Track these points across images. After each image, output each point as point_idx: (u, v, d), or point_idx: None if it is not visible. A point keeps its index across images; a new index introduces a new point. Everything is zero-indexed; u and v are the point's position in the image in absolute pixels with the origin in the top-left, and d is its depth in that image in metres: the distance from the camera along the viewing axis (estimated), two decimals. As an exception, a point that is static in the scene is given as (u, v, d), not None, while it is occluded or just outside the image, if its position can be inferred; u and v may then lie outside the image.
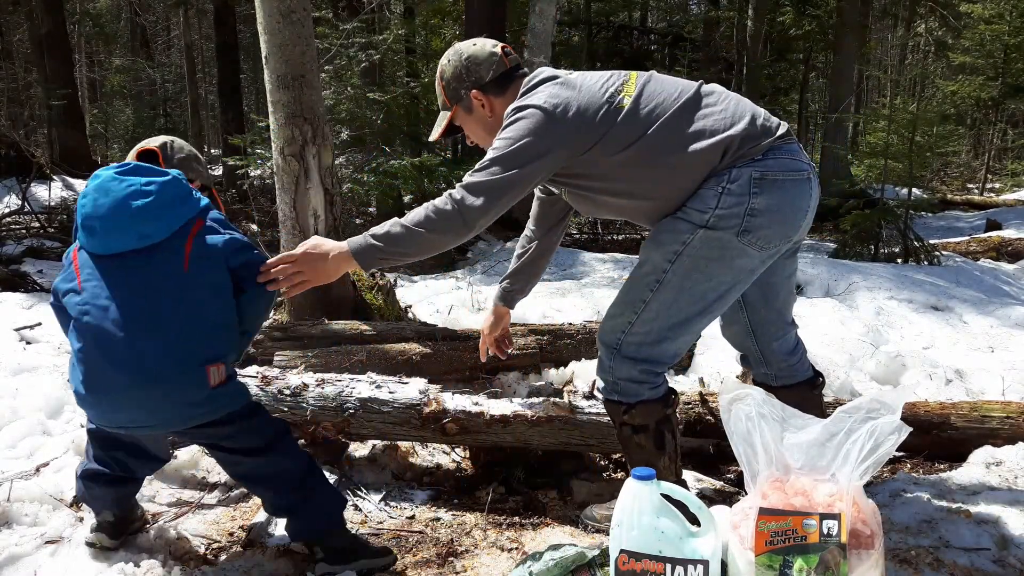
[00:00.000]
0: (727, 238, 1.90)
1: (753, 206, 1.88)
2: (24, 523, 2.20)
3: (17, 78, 13.98)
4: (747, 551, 1.64)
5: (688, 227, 1.92)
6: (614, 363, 2.03)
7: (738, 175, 1.89)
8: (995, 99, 15.51)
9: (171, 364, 1.80)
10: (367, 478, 2.56)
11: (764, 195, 1.88)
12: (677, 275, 1.95)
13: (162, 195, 1.85)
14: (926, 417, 2.68)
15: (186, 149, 2.21)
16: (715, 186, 1.90)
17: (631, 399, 2.03)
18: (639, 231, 10.68)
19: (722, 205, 1.89)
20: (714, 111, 1.95)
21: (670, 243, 1.94)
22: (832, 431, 1.68)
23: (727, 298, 2.01)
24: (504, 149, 1.92)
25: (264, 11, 3.48)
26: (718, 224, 1.89)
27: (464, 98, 2.13)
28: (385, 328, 3.58)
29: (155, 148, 2.11)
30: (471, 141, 2.26)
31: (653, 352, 2.01)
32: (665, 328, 1.99)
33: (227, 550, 2.11)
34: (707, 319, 2.04)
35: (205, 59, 18.71)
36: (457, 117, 2.18)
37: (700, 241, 1.91)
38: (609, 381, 2.06)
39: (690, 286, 1.96)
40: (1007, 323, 4.52)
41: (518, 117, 1.95)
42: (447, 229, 1.93)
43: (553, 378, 3.45)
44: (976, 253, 7.55)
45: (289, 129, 3.53)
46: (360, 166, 6.92)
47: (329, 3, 9.26)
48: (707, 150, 1.90)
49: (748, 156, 1.91)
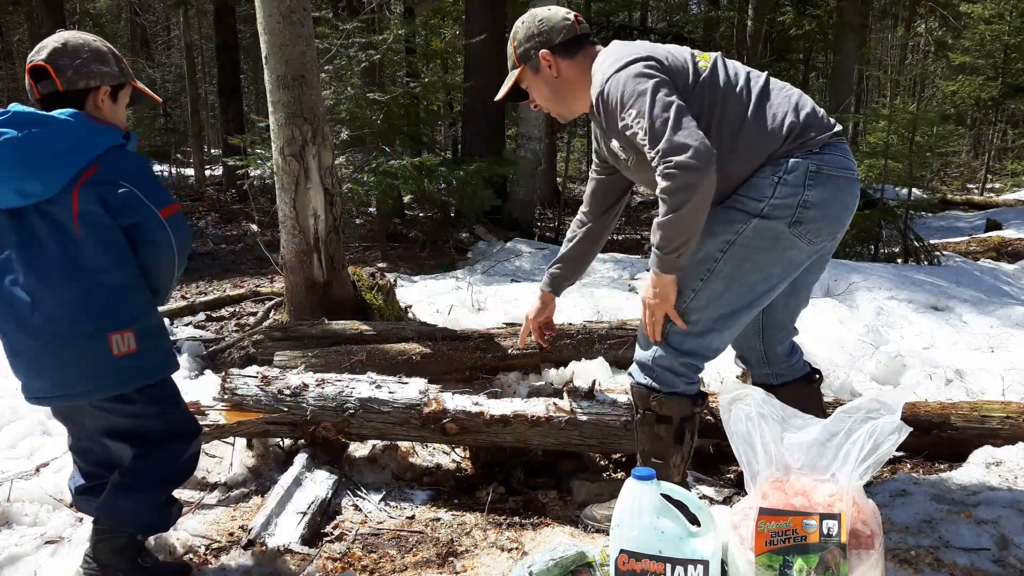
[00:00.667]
0: (780, 228, 1.92)
1: (807, 198, 1.91)
2: (24, 523, 2.20)
3: (17, 78, 13.98)
4: (747, 551, 1.64)
5: (742, 216, 1.95)
6: (656, 350, 2.06)
7: (796, 166, 1.92)
8: (995, 99, 15.50)
9: (72, 331, 1.69)
10: (367, 478, 2.56)
11: (818, 188, 1.92)
12: (729, 265, 1.97)
13: (37, 148, 1.65)
14: (926, 417, 2.68)
15: (84, 50, 1.81)
16: (771, 175, 1.93)
17: (664, 388, 2.05)
18: (639, 231, 10.68)
19: (777, 195, 1.91)
20: (780, 96, 2.00)
21: (723, 232, 1.96)
22: (832, 431, 1.68)
23: (773, 292, 2.04)
24: (643, 96, 1.88)
25: (264, 11, 3.48)
26: (772, 214, 1.92)
27: (533, 58, 2.14)
28: (385, 328, 3.58)
29: (41, 64, 1.77)
30: (534, 104, 2.25)
31: (697, 344, 2.03)
32: (712, 319, 2.01)
33: (227, 550, 2.11)
34: (751, 313, 2.06)
35: (205, 59, 18.69)
36: (524, 77, 2.18)
37: (753, 231, 1.94)
38: (647, 367, 2.08)
39: (741, 276, 1.98)
40: (1007, 323, 4.52)
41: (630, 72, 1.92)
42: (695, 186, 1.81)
43: (553, 378, 3.45)
44: (976, 253, 7.54)
45: (289, 129, 3.53)
46: (360, 166, 6.91)
47: (329, 3, 9.26)
48: (773, 131, 1.94)
49: (806, 147, 1.94)
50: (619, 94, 1.91)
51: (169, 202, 1.80)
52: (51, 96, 1.79)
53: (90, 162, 1.71)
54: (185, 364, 3.72)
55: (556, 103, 2.20)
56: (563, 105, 2.20)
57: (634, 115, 1.87)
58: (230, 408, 2.56)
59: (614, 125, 1.96)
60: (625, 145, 2.01)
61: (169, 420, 1.90)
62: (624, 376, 3.54)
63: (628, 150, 2.03)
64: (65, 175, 1.69)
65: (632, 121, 1.88)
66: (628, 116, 1.89)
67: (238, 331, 4.37)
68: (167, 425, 1.89)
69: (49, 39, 1.83)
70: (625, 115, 1.90)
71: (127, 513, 1.86)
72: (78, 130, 1.72)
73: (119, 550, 1.87)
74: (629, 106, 1.89)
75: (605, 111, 1.98)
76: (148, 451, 1.87)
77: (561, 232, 10.14)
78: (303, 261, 3.69)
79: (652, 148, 1.84)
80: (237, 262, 7.78)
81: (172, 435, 1.90)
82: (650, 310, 2.02)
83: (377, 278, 4.09)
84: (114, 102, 1.88)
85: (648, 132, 1.84)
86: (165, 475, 1.90)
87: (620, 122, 1.92)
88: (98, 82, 1.82)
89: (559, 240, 9.48)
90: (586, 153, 16.50)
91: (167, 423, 1.89)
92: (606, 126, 2.02)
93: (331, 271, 3.75)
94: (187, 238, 1.84)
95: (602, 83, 1.97)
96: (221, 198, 12.20)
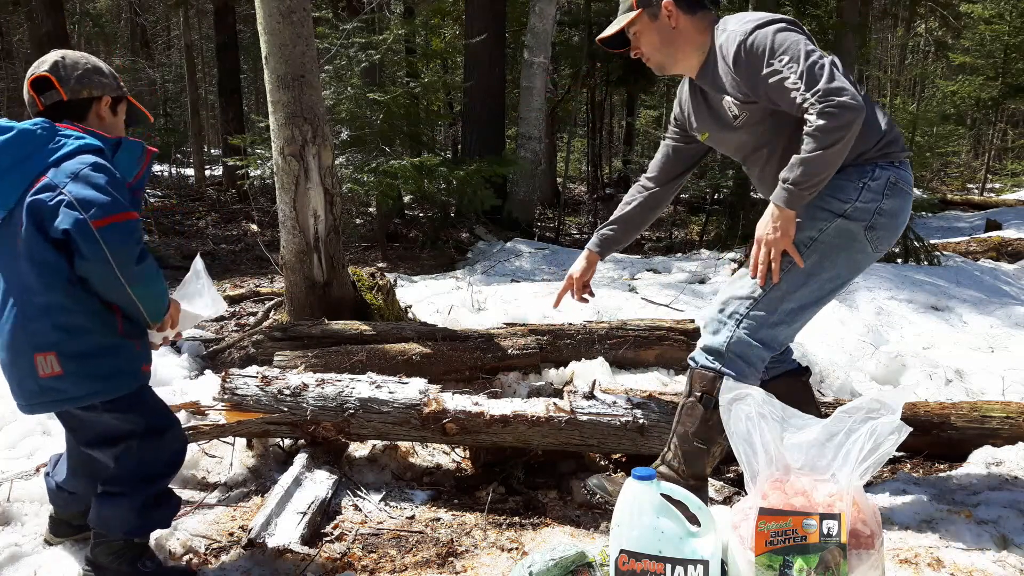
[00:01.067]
0: (857, 230, 2.05)
1: (882, 207, 2.04)
2: (24, 523, 2.20)
3: (17, 78, 13.96)
4: (747, 551, 1.64)
5: (827, 215, 2.05)
6: (732, 335, 2.11)
7: (880, 175, 2.05)
8: (995, 99, 15.50)
9: (12, 346, 1.74)
10: (367, 478, 2.56)
11: (892, 199, 2.06)
12: (811, 260, 2.06)
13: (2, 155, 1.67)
14: (926, 417, 2.68)
15: (82, 63, 1.87)
16: (857, 180, 2.04)
17: (735, 375, 2.09)
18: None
19: (861, 199, 2.03)
20: (878, 106, 2.12)
21: (808, 229, 2.06)
22: (832, 431, 1.68)
23: (835, 294, 2.16)
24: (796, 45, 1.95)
25: (264, 11, 3.48)
26: (854, 215, 2.04)
27: (654, 4, 2.17)
28: (385, 328, 3.58)
29: (45, 74, 1.82)
30: (635, 52, 2.27)
31: (768, 335, 2.11)
32: (785, 311, 2.10)
33: (227, 550, 2.11)
34: (815, 312, 2.16)
35: (205, 59, 18.69)
36: (638, 21, 2.20)
37: (835, 230, 2.05)
38: (718, 352, 2.13)
39: (818, 273, 2.08)
40: (1007, 323, 4.52)
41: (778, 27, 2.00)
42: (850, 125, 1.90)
43: (553, 378, 3.45)
44: (976, 253, 7.54)
45: (289, 129, 3.53)
46: (360, 166, 6.91)
47: (329, 3, 9.27)
48: (871, 132, 2.05)
49: (889, 158, 2.07)
50: (768, 43, 1.98)
51: (113, 211, 1.67)
52: (55, 106, 1.82)
53: (41, 170, 1.68)
54: (185, 364, 3.72)
55: (663, 54, 2.22)
56: (669, 57, 2.23)
57: (787, 60, 1.95)
58: (230, 408, 2.56)
59: (755, 72, 2.00)
60: (750, 96, 2.06)
61: (136, 422, 1.86)
62: (624, 376, 3.55)
63: (746, 108, 2.10)
64: (18, 186, 1.68)
65: (784, 66, 1.95)
66: (779, 62, 1.96)
67: (238, 331, 4.37)
68: (135, 426, 1.86)
69: (48, 55, 1.87)
70: (775, 60, 1.97)
71: (112, 518, 1.86)
72: (33, 140, 1.70)
73: (117, 553, 1.87)
74: (781, 52, 1.97)
75: (748, 59, 2.02)
76: (122, 455, 1.87)
77: (561, 232, 10.14)
78: (303, 261, 3.69)
79: (809, 88, 1.91)
80: (237, 262, 7.78)
81: (145, 434, 1.87)
82: (768, 246, 2.07)
83: (377, 278, 4.09)
84: (114, 115, 1.91)
85: (805, 75, 1.92)
86: (144, 474, 1.88)
87: (767, 67, 1.98)
88: (100, 92, 1.86)
89: (559, 240, 9.50)
90: (586, 153, 16.49)
91: (135, 424, 1.86)
92: (738, 77, 2.06)
93: (331, 271, 3.75)
94: (126, 250, 1.69)
95: (746, 33, 2.02)
96: (221, 198, 12.20)
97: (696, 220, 10.67)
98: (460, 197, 8.03)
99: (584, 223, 11.22)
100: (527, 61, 9.27)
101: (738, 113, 2.13)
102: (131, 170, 1.87)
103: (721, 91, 2.15)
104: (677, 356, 3.66)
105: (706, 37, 2.16)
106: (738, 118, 2.14)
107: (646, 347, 3.64)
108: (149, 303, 1.79)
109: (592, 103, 14.87)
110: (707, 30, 2.16)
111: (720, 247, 8.12)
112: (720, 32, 2.12)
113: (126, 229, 1.69)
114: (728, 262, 6.90)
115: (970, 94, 15.53)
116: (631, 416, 2.47)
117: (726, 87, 2.12)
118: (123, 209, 1.69)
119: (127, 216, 1.70)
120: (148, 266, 1.75)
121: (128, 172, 1.84)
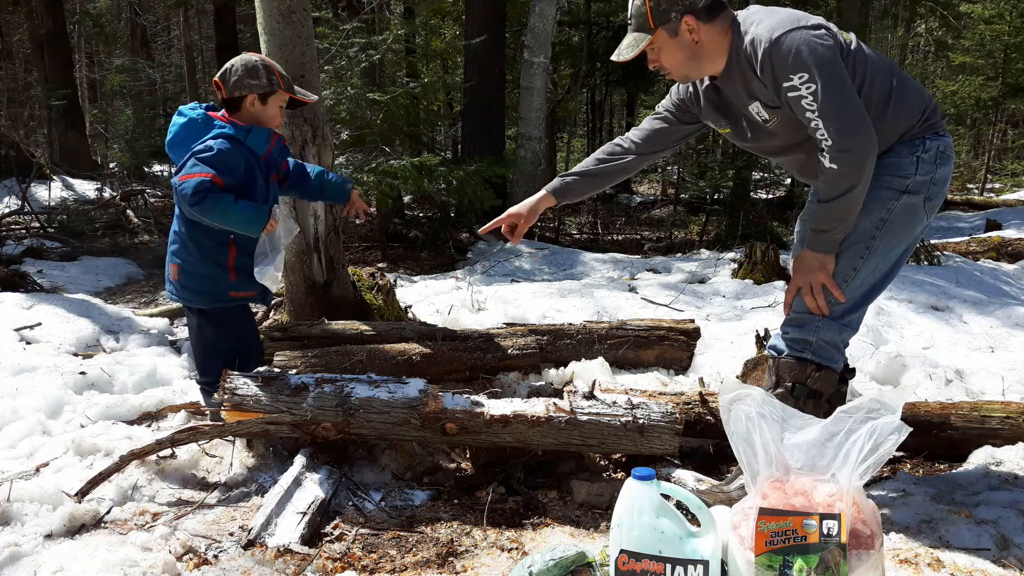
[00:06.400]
0: (918, 203, 2.07)
1: (936, 176, 2.07)
2: (24, 523, 2.20)
3: (17, 78, 13.98)
4: (747, 551, 1.64)
5: (891, 194, 2.06)
6: (822, 324, 2.13)
7: (931, 146, 2.07)
8: (995, 99, 15.51)
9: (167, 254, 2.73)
10: (367, 478, 2.56)
11: (943, 167, 2.09)
12: (884, 241, 2.09)
13: (176, 134, 2.56)
14: (926, 417, 2.68)
15: (238, 69, 2.58)
16: (910, 154, 2.05)
17: (824, 362, 2.11)
18: (639, 231, 10.67)
19: (920, 172, 2.05)
20: (910, 79, 2.12)
21: (877, 210, 2.07)
22: (832, 431, 1.68)
23: (900, 267, 2.20)
24: (823, 67, 1.91)
25: (264, 11, 3.48)
26: (915, 189, 2.06)
27: (673, 20, 2.07)
28: (385, 328, 3.58)
29: (216, 80, 2.62)
30: (654, 65, 2.18)
31: (853, 318, 2.15)
32: (863, 293, 2.14)
33: (227, 550, 2.11)
34: (885, 287, 2.21)
35: (205, 59, 18.70)
36: (657, 40, 2.11)
37: (901, 207, 2.07)
38: (806, 342, 2.14)
39: (889, 250, 2.12)
40: (1007, 323, 4.52)
41: (808, 35, 1.94)
42: (864, 169, 1.96)
43: (553, 378, 3.45)
44: (976, 253, 7.53)
45: (289, 129, 3.53)
46: (360, 166, 6.91)
47: (329, 3, 9.26)
48: (914, 108, 2.07)
49: (933, 128, 2.08)
50: (793, 53, 1.92)
51: (188, 172, 2.45)
52: (223, 99, 2.64)
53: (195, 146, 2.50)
54: (185, 364, 3.72)
55: (688, 68, 2.16)
56: (695, 70, 2.18)
57: (806, 78, 1.91)
58: (230, 408, 2.55)
59: (779, 79, 1.95)
60: (772, 104, 2.03)
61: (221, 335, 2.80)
62: (624, 376, 3.55)
63: (776, 112, 2.06)
64: (182, 154, 2.52)
65: (802, 84, 1.91)
66: (798, 79, 1.91)
67: (238, 331, 4.36)
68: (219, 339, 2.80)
69: (231, 60, 2.64)
70: (794, 76, 1.92)
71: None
72: (195, 124, 2.56)
73: None
74: (803, 70, 1.91)
75: (771, 68, 1.96)
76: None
77: (561, 232, 10.13)
78: (303, 261, 3.69)
79: (827, 125, 1.91)
80: (237, 262, 7.75)
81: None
82: (811, 284, 2.11)
83: (377, 278, 4.09)
84: (263, 104, 2.63)
85: (825, 109, 1.90)
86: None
87: (786, 81, 1.93)
88: (247, 92, 2.60)
89: (559, 240, 9.49)
90: (586, 153, 16.48)
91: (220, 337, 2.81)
92: (764, 82, 2.01)
93: (331, 271, 3.75)
94: (188, 196, 2.41)
95: (770, 41, 1.95)
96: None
97: (696, 220, 10.67)
98: (460, 197, 8.03)
99: (584, 223, 11.22)
100: (527, 61, 9.27)
101: (768, 117, 2.09)
102: (262, 148, 2.64)
103: (751, 96, 2.09)
104: (677, 356, 3.66)
105: (728, 37, 2.08)
106: (769, 122, 2.11)
107: (646, 347, 3.64)
108: (234, 225, 2.54)
109: (592, 103, 14.88)
110: (728, 29, 2.08)
111: (720, 247, 8.11)
112: (745, 32, 2.04)
113: (191, 186, 2.42)
114: (728, 262, 6.90)
115: (970, 94, 15.55)
116: (631, 416, 2.47)
117: (755, 92, 2.07)
118: (195, 171, 2.45)
119: (197, 176, 2.44)
120: (213, 202, 2.43)
121: (260, 149, 2.63)
